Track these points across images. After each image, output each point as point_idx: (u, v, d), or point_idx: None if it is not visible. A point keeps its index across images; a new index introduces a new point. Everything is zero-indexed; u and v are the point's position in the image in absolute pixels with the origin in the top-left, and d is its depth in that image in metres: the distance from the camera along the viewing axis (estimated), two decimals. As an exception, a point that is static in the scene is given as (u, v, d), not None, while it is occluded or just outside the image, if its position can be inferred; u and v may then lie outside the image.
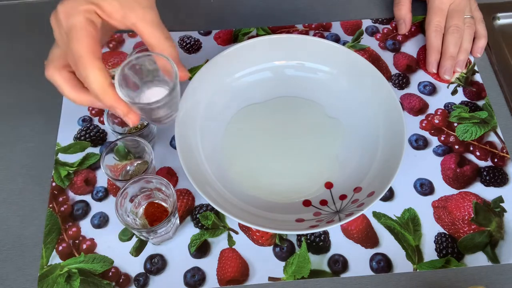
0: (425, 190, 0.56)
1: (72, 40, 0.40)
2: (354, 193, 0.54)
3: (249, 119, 0.60)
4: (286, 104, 0.62)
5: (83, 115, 0.61)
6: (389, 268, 0.51)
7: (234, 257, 0.52)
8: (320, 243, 0.53)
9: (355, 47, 0.67)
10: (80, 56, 0.40)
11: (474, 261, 0.52)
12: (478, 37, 0.66)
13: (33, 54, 0.67)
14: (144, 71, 0.45)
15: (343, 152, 0.58)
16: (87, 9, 0.41)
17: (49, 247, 0.52)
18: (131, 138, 0.53)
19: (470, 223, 0.54)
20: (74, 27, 0.41)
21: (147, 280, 0.51)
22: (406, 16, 0.67)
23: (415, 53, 0.67)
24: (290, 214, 0.53)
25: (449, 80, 0.64)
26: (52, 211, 0.55)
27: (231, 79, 0.61)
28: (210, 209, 0.55)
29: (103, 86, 0.41)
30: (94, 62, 0.40)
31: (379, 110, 0.58)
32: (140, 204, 0.52)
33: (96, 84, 0.41)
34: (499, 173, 0.57)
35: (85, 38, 0.40)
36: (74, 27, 0.41)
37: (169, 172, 0.57)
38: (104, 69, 0.41)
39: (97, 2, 0.42)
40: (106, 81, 0.41)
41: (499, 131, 0.60)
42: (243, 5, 0.71)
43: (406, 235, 0.53)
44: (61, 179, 0.57)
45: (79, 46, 0.40)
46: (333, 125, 0.60)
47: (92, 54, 0.40)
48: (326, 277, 0.51)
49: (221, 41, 0.68)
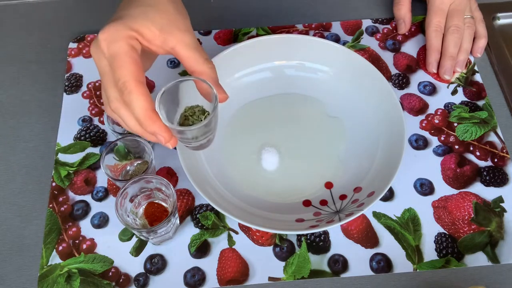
0: (425, 190, 0.56)
1: (115, 66, 0.40)
2: (354, 193, 0.54)
3: (249, 119, 0.60)
4: (286, 104, 0.62)
5: (83, 115, 0.61)
6: (389, 268, 0.51)
7: (234, 257, 0.52)
8: (320, 243, 0.53)
9: (355, 47, 0.67)
10: (125, 81, 0.40)
11: (474, 261, 0.52)
12: (478, 37, 0.66)
13: (33, 54, 0.67)
14: None
15: (343, 152, 0.58)
16: (128, 35, 0.41)
17: (49, 247, 0.52)
18: (131, 138, 0.53)
19: (470, 223, 0.54)
20: (117, 54, 0.40)
21: (147, 280, 0.51)
22: (405, 16, 0.67)
23: (415, 53, 0.67)
24: (290, 214, 0.53)
25: (449, 80, 0.64)
26: (52, 211, 0.55)
27: (231, 79, 0.61)
28: (210, 209, 0.55)
29: (147, 111, 0.40)
30: (138, 88, 0.40)
31: (379, 110, 0.58)
32: (140, 204, 0.52)
33: (140, 109, 0.40)
34: (499, 173, 0.57)
35: (128, 64, 0.40)
36: (117, 54, 0.40)
37: (169, 172, 0.57)
38: (148, 95, 0.40)
39: (137, 29, 0.42)
40: (150, 106, 0.40)
41: (499, 131, 0.60)
42: (243, 5, 0.71)
43: (406, 235, 0.53)
44: (61, 179, 0.57)
45: (123, 71, 0.40)
46: (333, 125, 0.60)
47: (136, 79, 0.40)
48: (326, 277, 0.51)
49: (221, 41, 0.68)
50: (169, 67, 0.65)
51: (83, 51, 0.67)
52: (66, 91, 0.63)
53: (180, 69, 0.65)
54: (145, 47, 0.43)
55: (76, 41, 0.68)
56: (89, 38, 0.68)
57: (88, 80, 0.64)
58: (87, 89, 0.64)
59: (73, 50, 0.67)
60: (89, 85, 0.64)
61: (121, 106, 0.42)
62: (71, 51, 0.67)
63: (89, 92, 0.63)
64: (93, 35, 0.68)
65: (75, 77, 0.65)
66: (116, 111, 0.42)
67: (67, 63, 0.66)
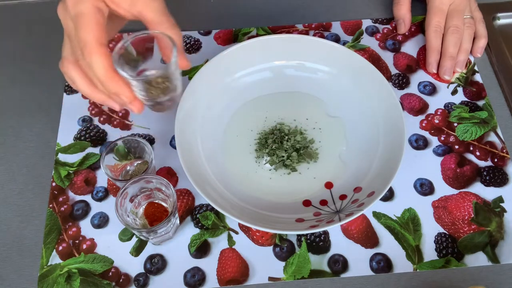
0: (425, 190, 0.56)
1: (78, 27, 0.40)
2: (354, 193, 0.54)
3: (249, 119, 0.60)
4: (286, 104, 0.62)
5: (83, 115, 0.61)
6: (389, 268, 0.51)
7: (234, 257, 0.52)
8: (320, 243, 0.53)
9: (355, 47, 0.67)
10: (86, 42, 0.40)
11: (474, 261, 0.52)
12: (478, 37, 0.66)
13: (33, 54, 0.67)
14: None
15: (343, 152, 0.58)
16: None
17: (49, 247, 0.52)
18: (131, 138, 0.53)
19: (470, 223, 0.54)
20: (81, 14, 0.40)
21: (147, 280, 0.51)
22: (405, 16, 0.67)
23: (415, 53, 0.67)
24: (290, 214, 0.53)
25: (449, 80, 0.64)
26: (52, 211, 0.55)
27: (231, 79, 0.61)
28: (210, 209, 0.55)
29: (108, 71, 0.40)
30: (99, 48, 0.40)
31: (379, 110, 0.58)
32: (140, 204, 0.52)
33: (100, 69, 0.40)
34: (499, 173, 0.57)
35: (91, 24, 0.40)
36: (81, 14, 0.40)
37: (169, 172, 0.57)
38: (108, 55, 0.40)
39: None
40: (110, 66, 0.40)
41: (499, 131, 0.60)
42: (243, 5, 0.71)
43: (406, 235, 0.53)
44: (61, 179, 0.57)
45: (85, 32, 0.40)
46: (333, 125, 0.60)
47: (97, 40, 0.40)
48: (326, 277, 0.51)
49: (221, 41, 0.68)
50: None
51: (83, 51, 0.67)
52: (66, 91, 0.63)
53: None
54: (113, 10, 0.43)
55: (76, 41, 0.68)
56: (89, 38, 0.68)
57: (88, 80, 0.64)
58: (87, 89, 0.64)
59: (73, 50, 0.67)
60: (89, 85, 0.64)
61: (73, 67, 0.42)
62: (71, 51, 0.67)
63: (89, 92, 0.63)
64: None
65: (75, 77, 0.64)
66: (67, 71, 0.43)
67: (67, 63, 0.66)
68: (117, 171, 0.55)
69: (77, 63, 0.43)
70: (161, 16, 0.44)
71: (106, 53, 0.40)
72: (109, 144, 0.53)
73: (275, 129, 0.59)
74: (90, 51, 0.40)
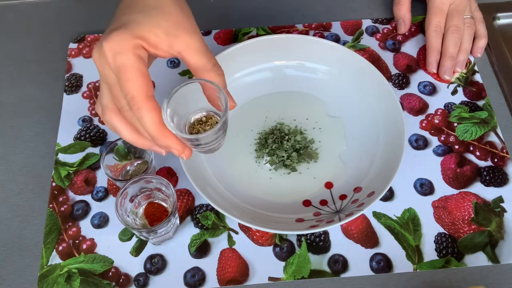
0: (425, 190, 0.56)
1: (123, 79, 0.39)
2: (354, 193, 0.54)
3: (249, 118, 0.60)
4: (286, 104, 0.62)
5: (83, 115, 0.61)
6: (389, 268, 0.51)
7: (234, 257, 0.52)
8: (320, 243, 0.53)
9: (355, 47, 0.67)
10: (133, 96, 0.39)
11: (474, 261, 0.52)
12: (478, 37, 0.66)
13: (33, 54, 0.67)
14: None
15: (343, 152, 0.58)
16: (134, 44, 0.39)
17: (49, 247, 0.52)
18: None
19: (470, 223, 0.54)
20: (124, 66, 0.39)
21: (147, 280, 0.51)
22: (405, 16, 0.67)
23: (415, 53, 0.67)
24: (290, 214, 0.53)
25: (449, 80, 0.64)
26: (52, 211, 0.55)
27: (231, 79, 0.61)
28: (210, 209, 0.55)
29: (158, 127, 0.39)
30: (147, 103, 0.39)
31: (379, 110, 0.58)
32: (140, 204, 0.52)
33: (151, 124, 0.39)
34: (499, 173, 0.57)
35: (136, 77, 0.39)
36: (124, 66, 0.39)
37: (169, 172, 0.57)
38: (158, 109, 0.39)
39: (142, 35, 0.40)
40: (160, 121, 0.39)
41: (499, 131, 0.60)
42: (243, 5, 0.71)
43: (406, 235, 0.53)
44: (61, 179, 0.57)
45: (131, 86, 0.39)
46: (333, 125, 0.60)
47: (145, 94, 0.39)
48: (326, 277, 0.51)
49: (221, 41, 0.68)
50: (169, 67, 0.65)
51: (83, 51, 0.67)
52: (66, 91, 0.63)
53: (180, 69, 0.65)
54: (151, 53, 0.41)
55: (76, 42, 0.68)
56: (89, 39, 0.68)
57: (88, 80, 0.64)
58: (87, 89, 0.64)
59: (73, 50, 0.67)
60: (89, 85, 0.64)
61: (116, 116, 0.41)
62: (71, 51, 0.67)
63: (89, 92, 0.63)
64: (93, 36, 0.68)
65: (75, 77, 0.65)
66: (109, 120, 0.42)
67: (67, 63, 0.66)
68: (117, 171, 0.55)
69: (119, 113, 0.42)
70: (202, 57, 0.42)
71: (155, 108, 0.39)
72: (109, 144, 0.53)
73: (275, 129, 0.59)
74: (139, 107, 0.39)
